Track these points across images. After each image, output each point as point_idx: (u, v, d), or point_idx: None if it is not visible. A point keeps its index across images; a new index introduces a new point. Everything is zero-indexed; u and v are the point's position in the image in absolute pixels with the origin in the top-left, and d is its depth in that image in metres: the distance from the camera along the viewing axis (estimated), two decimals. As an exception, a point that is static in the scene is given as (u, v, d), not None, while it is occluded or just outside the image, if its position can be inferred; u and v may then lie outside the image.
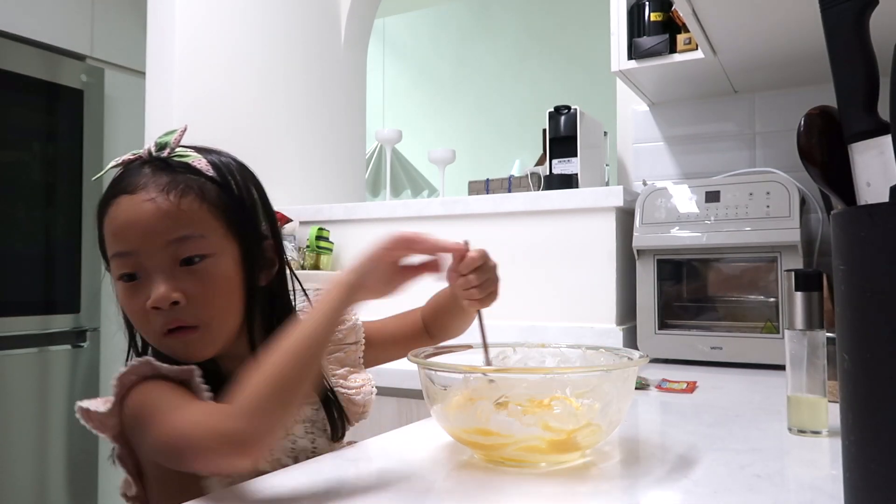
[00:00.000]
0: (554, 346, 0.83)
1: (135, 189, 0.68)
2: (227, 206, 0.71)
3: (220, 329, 0.70)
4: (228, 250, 0.70)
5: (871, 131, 0.52)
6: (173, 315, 0.67)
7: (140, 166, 0.70)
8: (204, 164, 0.72)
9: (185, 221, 0.68)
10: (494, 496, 0.58)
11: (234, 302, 0.71)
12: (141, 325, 0.69)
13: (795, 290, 0.80)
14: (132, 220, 0.67)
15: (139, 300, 0.67)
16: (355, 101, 2.40)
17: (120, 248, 0.68)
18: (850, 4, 0.52)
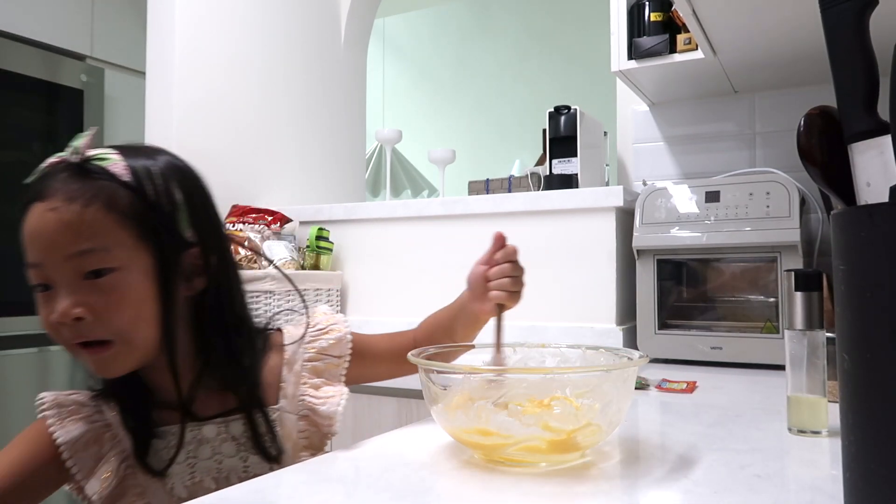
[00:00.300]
0: (554, 346, 0.83)
1: (44, 196, 0.66)
2: (140, 214, 0.67)
3: (136, 343, 0.67)
4: (139, 262, 0.67)
5: (871, 131, 0.52)
6: (78, 330, 0.64)
7: (61, 170, 0.68)
8: (121, 167, 0.67)
9: (88, 233, 0.64)
10: (494, 496, 0.58)
11: (146, 315, 0.67)
12: (55, 336, 0.67)
13: (795, 290, 0.80)
14: (37, 231, 0.65)
15: (49, 312, 0.65)
16: (355, 101, 2.40)
17: (29, 258, 0.66)
18: (850, 4, 0.52)
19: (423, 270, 1.73)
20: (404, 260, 1.77)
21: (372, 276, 1.82)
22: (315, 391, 0.80)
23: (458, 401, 0.68)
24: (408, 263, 1.76)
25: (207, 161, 2.03)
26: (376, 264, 1.81)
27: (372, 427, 1.37)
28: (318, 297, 1.74)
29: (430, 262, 1.73)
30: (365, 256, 1.83)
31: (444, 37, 4.61)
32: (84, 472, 0.67)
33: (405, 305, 1.76)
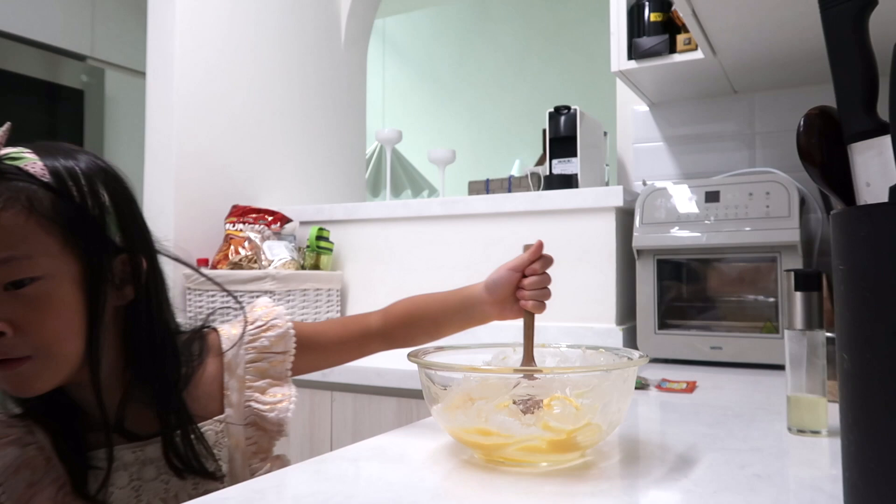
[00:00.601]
0: (554, 347, 0.83)
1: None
2: (64, 218, 0.61)
3: (57, 358, 0.62)
4: (64, 269, 0.62)
5: (870, 131, 0.52)
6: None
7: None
8: (39, 167, 0.61)
9: (7, 240, 0.58)
10: (494, 496, 0.58)
11: (72, 327, 0.62)
12: None
13: (795, 290, 0.80)
14: None
15: None
16: (355, 101, 2.40)
17: None
18: (850, 4, 0.52)
19: (423, 270, 1.73)
20: (404, 260, 1.77)
21: (372, 276, 1.82)
22: (262, 395, 0.76)
23: (458, 401, 0.68)
24: (408, 263, 1.76)
25: (208, 161, 2.04)
26: (376, 264, 1.81)
27: (372, 427, 1.37)
28: (319, 297, 1.74)
29: (430, 262, 1.73)
30: (365, 256, 1.83)
31: (444, 37, 4.61)
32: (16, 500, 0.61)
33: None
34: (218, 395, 0.74)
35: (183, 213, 1.70)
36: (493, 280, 0.81)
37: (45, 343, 0.60)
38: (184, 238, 1.67)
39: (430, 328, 0.87)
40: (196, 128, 1.79)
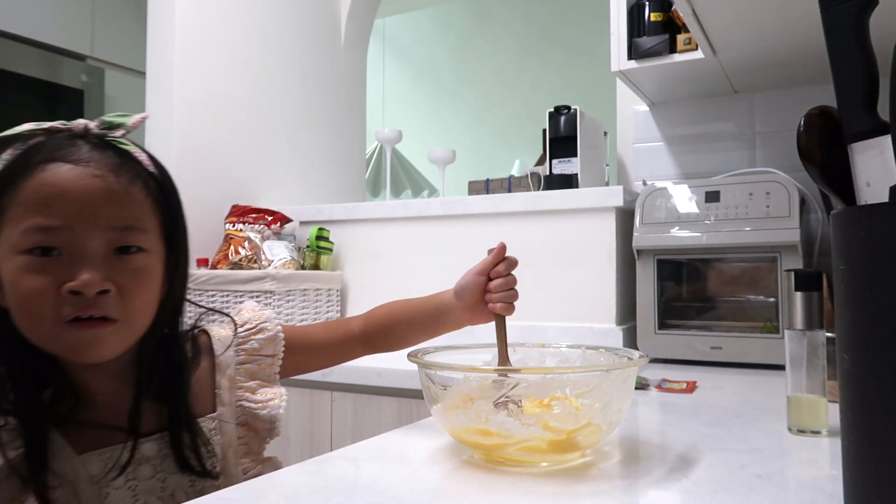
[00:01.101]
0: (554, 347, 0.83)
1: (76, 161, 0.61)
2: (164, 206, 0.67)
3: (136, 329, 0.65)
4: (159, 250, 0.66)
5: (870, 131, 0.52)
6: (94, 304, 0.60)
7: (69, 138, 0.63)
8: (145, 157, 0.67)
9: (134, 211, 0.63)
10: (494, 496, 0.58)
11: (153, 303, 0.66)
12: (36, 309, 0.60)
13: (795, 290, 0.80)
14: (71, 192, 0.59)
15: (47, 279, 0.59)
16: (355, 101, 2.40)
17: (48, 216, 0.59)
18: (850, 4, 0.52)
19: (423, 270, 1.73)
20: (404, 260, 1.77)
21: (372, 276, 1.82)
22: (252, 395, 0.76)
23: (458, 401, 0.68)
24: (408, 263, 1.76)
25: (208, 161, 2.04)
26: (376, 264, 1.81)
27: (372, 427, 1.37)
28: (319, 297, 1.74)
29: (430, 262, 1.73)
30: (365, 256, 1.83)
31: (444, 37, 4.61)
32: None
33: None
34: (209, 395, 0.74)
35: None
36: (461, 286, 0.82)
37: (134, 311, 0.63)
38: (184, 238, 1.67)
39: (406, 335, 0.88)
40: (196, 128, 1.79)
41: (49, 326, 0.60)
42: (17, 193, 0.60)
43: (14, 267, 0.60)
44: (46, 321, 0.60)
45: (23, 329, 0.61)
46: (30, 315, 0.60)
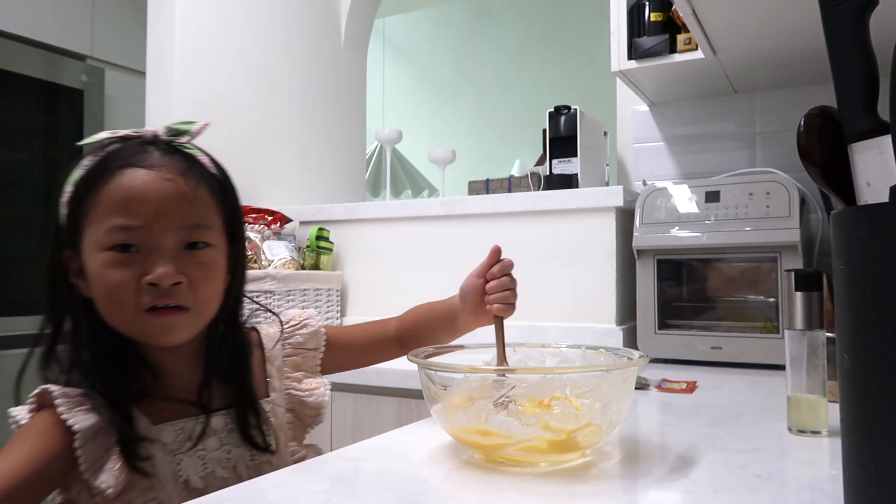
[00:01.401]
0: (554, 347, 0.83)
1: (150, 165, 0.69)
2: (226, 205, 0.74)
3: (205, 316, 0.72)
4: (223, 245, 0.74)
5: (870, 131, 0.52)
6: (169, 294, 0.68)
7: (141, 145, 0.70)
8: (207, 160, 0.74)
9: (201, 210, 0.70)
10: (494, 496, 0.58)
11: (219, 294, 0.74)
12: (119, 299, 0.67)
13: (795, 290, 0.80)
14: (147, 194, 0.67)
15: (128, 273, 0.67)
16: (355, 101, 2.40)
17: (127, 217, 0.67)
18: (850, 4, 0.52)
19: (423, 270, 1.73)
20: (404, 260, 1.77)
21: (372, 276, 1.82)
22: (299, 384, 0.84)
23: (458, 401, 0.68)
24: (408, 263, 1.76)
25: (207, 161, 2.01)
26: (376, 264, 1.81)
27: (372, 427, 1.37)
28: (318, 296, 1.74)
29: (430, 262, 1.73)
30: (365, 256, 1.83)
31: (444, 37, 4.61)
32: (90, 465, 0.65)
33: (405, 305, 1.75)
34: (262, 382, 0.82)
35: (183, 213, 1.70)
36: (462, 289, 0.87)
37: (203, 300, 0.71)
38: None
39: (431, 337, 0.93)
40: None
41: (130, 314, 0.68)
42: (99, 196, 0.67)
43: (99, 262, 0.67)
44: (128, 309, 0.68)
45: (107, 317, 0.69)
46: (113, 304, 0.68)
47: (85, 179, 0.69)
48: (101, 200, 0.67)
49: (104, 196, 0.67)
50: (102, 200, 0.67)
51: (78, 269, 0.70)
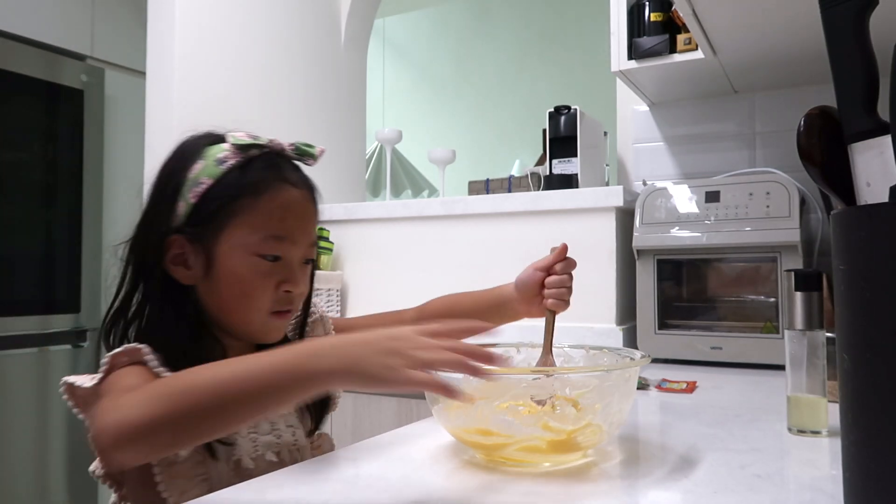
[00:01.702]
0: (557, 347, 0.83)
1: (296, 184, 0.76)
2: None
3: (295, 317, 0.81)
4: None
5: (870, 131, 0.52)
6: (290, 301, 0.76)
7: (280, 158, 0.76)
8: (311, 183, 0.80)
9: (315, 229, 0.79)
10: (495, 496, 0.58)
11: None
12: (255, 301, 0.73)
13: (795, 290, 0.80)
14: (295, 212, 0.75)
15: (271, 280, 0.73)
16: (355, 101, 2.40)
17: (281, 231, 0.73)
18: (850, 4, 0.52)
19: (423, 270, 1.73)
20: (404, 260, 1.77)
21: (372, 276, 1.82)
22: None
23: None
24: (408, 263, 1.76)
25: (207, 161, 2.00)
26: (376, 264, 1.81)
27: (372, 427, 1.37)
28: (318, 296, 1.74)
29: (430, 262, 1.73)
30: (365, 256, 1.83)
31: (444, 37, 4.61)
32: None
33: (405, 305, 1.75)
34: None
35: (183, 213, 1.70)
36: (521, 279, 0.89)
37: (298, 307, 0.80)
38: (184, 238, 1.67)
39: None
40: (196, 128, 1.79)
41: (259, 315, 0.74)
42: (259, 203, 0.72)
43: (246, 264, 0.72)
44: (259, 311, 0.73)
45: (230, 311, 0.74)
46: (247, 304, 0.73)
47: (236, 181, 0.72)
48: (261, 208, 0.72)
49: (264, 205, 0.72)
50: (262, 209, 0.72)
51: (179, 255, 0.72)
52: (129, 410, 0.54)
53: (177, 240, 0.72)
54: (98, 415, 0.56)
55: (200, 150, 0.75)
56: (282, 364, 0.55)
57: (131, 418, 0.54)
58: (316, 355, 0.55)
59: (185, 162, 0.74)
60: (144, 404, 0.55)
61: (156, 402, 0.55)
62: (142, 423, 0.54)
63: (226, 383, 0.55)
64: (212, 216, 0.71)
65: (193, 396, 0.55)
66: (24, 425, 2.10)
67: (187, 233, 0.72)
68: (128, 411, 0.54)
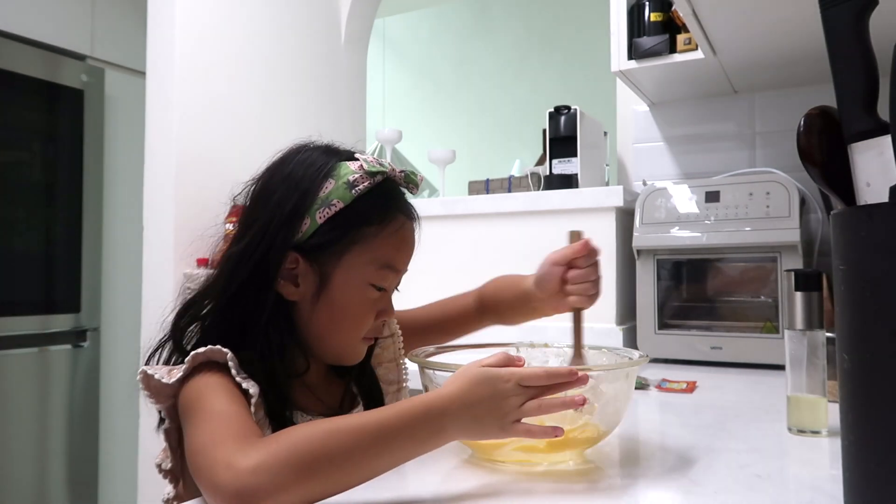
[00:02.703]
0: (556, 346, 0.83)
1: (410, 217, 0.75)
2: None
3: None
4: None
5: (870, 131, 0.52)
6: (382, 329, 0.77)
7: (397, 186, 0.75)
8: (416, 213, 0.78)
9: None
10: (494, 496, 0.58)
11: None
12: (357, 326, 0.73)
13: (795, 290, 0.80)
14: (408, 244, 0.75)
15: (374, 309, 0.73)
16: (355, 101, 2.40)
17: (399, 265, 0.74)
18: (850, 4, 0.52)
19: (423, 270, 1.72)
20: (404, 260, 1.76)
21: (372, 276, 1.81)
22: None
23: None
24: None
25: (207, 161, 2.04)
26: (376, 264, 1.81)
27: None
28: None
29: (430, 262, 1.72)
30: (365, 256, 1.83)
31: (444, 37, 4.61)
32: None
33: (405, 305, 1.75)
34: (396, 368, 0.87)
35: (183, 213, 1.70)
36: (540, 276, 0.83)
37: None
38: (184, 238, 1.67)
39: (509, 314, 0.92)
40: (196, 128, 1.79)
41: (355, 339, 0.74)
42: (383, 232, 0.71)
43: (359, 291, 0.72)
44: (356, 336, 0.74)
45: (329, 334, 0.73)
46: (350, 328, 0.73)
47: (366, 209, 0.71)
48: (383, 239, 0.71)
49: (387, 236, 0.72)
50: (384, 240, 0.72)
51: (289, 271, 0.70)
52: (254, 478, 0.51)
53: (292, 255, 0.70)
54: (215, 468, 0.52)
55: (329, 168, 0.72)
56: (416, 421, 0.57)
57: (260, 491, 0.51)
58: (444, 415, 0.58)
59: (314, 177, 0.72)
60: (276, 473, 0.51)
61: (288, 474, 0.51)
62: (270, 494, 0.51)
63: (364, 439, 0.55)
64: (336, 240, 0.70)
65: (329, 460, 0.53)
66: (24, 425, 2.10)
67: (306, 251, 0.70)
68: (253, 479, 0.51)
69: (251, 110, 1.96)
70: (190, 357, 0.64)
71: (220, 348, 0.64)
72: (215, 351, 0.64)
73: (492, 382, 0.58)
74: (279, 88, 2.06)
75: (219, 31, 1.86)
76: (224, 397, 0.61)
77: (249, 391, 0.62)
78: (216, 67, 1.85)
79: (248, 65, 1.95)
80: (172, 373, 0.64)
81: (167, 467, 0.68)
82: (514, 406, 0.58)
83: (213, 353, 0.64)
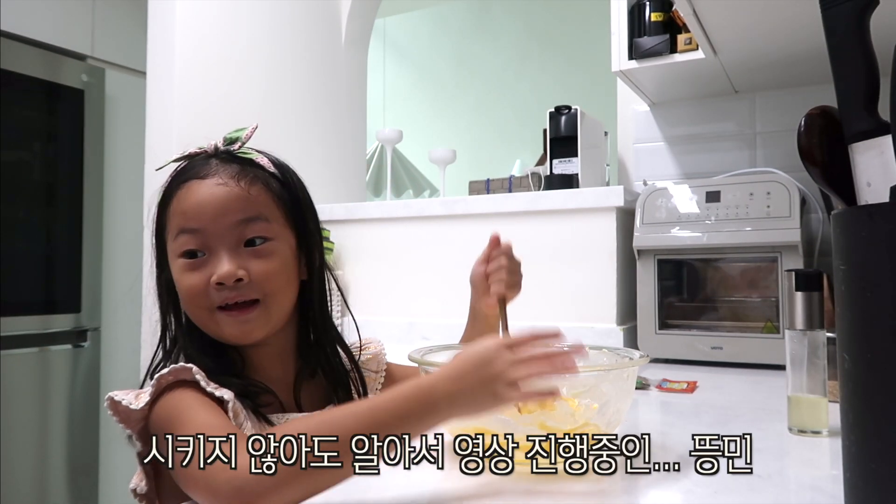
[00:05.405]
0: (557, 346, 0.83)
1: (206, 175, 0.73)
2: (287, 200, 0.77)
3: (276, 308, 0.74)
4: (286, 238, 0.76)
5: (871, 131, 0.52)
6: (234, 291, 0.71)
7: (205, 159, 0.76)
8: (266, 161, 0.78)
9: (255, 205, 0.73)
10: (494, 496, 0.58)
11: (289, 286, 0.76)
12: (195, 302, 0.72)
13: (796, 290, 0.80)
14: (205, 201, 0.72)
15: (199, 276, 0.71)
16: (356, 101, 2.40)
17: (189, 225, 0.71)
18: (851, 4, 0.52)
19: (424, 270, 1.73)
20: (405, 260, 1.77)
21: (372, 275, 1.82)
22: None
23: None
24: (408, 263, 1.76)
25: (208, 161, 2.01)
26: (376, 264, 1.81)
27: (372, 427, 1.37)
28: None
29: (430, 262, 1.73)
30: (365, 256, 1.83)
31: (444, 37, 4.61)
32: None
33: (405, 305, 1.76)
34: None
35: (183, 213, 1.70)
36: (471, 278, 0.92)
37: (271, 291, 0.73)
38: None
39: (470, 336, 0.95)
40: (196, 127, 1.79)
41: (206, 315, 0.72)
42: (169, 211, 0.73)
43: (176, 269, 0.73)
44: (204, 310, 0.72)
45: (194, 321, 0.74)
46: (193, 307, 0.73)
47: (161, 200, 0.75)
48: (171, 214, 0.73)
49: (173, 210, 0.73)
50: (172, 214, 0.73)
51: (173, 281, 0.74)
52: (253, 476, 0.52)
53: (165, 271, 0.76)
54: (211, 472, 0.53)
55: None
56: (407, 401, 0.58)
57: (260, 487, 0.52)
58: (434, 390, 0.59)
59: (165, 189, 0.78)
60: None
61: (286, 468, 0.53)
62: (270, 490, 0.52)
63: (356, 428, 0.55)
64: (159, 240, 0.76)
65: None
66: (25, 425, 2.10)
67: (159, 262, 0.76)
68: (252, 476, 0.52)
69: (251, 110, 1.96)
70: (155, 380, 0.65)
71: (185, 366, 0.66)
72: (180, 370, 0.66)
73: (478, 352, 0.60)
74: (279, 88, 2.06)
75: (219, 31, 1.86)
76: (201, 409, 0.63)
77: (224, 397, 0.64)
78: (216, 67, 1.85)
79: (249, 65, 1.95)
80: (140, 397, 0.65)
81: (142, 491, 0.68)
82: (503, 369, 0.59)
83: (179, 373, 0.66)
